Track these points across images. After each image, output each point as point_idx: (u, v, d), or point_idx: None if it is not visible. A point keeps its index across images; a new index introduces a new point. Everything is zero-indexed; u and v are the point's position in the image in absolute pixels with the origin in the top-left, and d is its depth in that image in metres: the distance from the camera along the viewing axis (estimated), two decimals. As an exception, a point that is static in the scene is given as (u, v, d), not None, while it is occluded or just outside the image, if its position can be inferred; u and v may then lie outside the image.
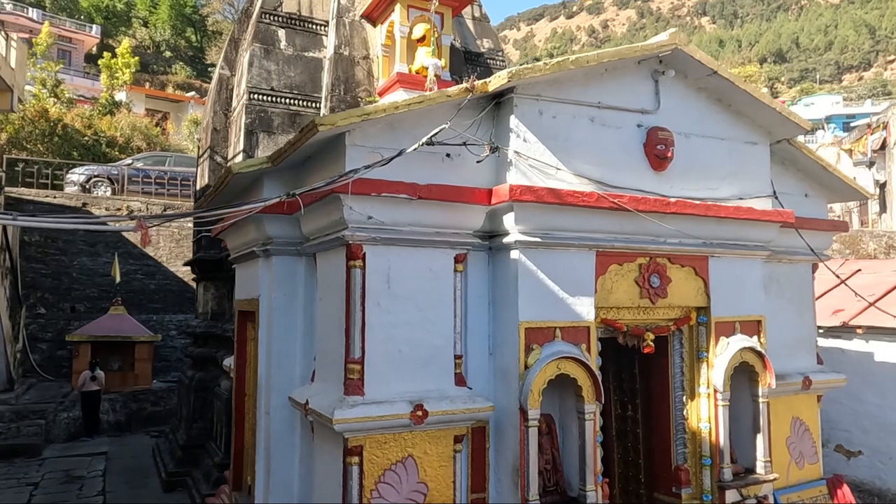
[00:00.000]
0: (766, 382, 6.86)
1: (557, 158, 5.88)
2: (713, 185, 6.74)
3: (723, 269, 6.81)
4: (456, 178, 5.70)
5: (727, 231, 6.73)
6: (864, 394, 10.75)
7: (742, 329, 6.90)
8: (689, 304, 6.66)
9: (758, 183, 7.06)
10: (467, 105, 5.74)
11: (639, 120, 6.35)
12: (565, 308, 5.88)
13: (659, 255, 6.46)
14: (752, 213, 6.73)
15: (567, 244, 5.90)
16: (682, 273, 6.62)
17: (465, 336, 5.85)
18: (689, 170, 6.61)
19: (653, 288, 6.40)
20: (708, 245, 6.69)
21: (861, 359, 10.80)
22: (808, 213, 7.84)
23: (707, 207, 6.44)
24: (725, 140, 6.86)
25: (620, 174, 6.18)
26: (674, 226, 6.32)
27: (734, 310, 6.87)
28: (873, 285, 11.75)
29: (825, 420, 11.29)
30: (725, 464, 6.61)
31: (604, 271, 6.14)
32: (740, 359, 6.74)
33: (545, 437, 5.98)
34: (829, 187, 7.99)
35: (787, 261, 7.72)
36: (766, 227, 6.95)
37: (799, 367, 7.65)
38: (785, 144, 7.37)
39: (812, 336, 7.88)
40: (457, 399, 5.57)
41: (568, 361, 5.73)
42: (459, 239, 5.77)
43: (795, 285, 7.80)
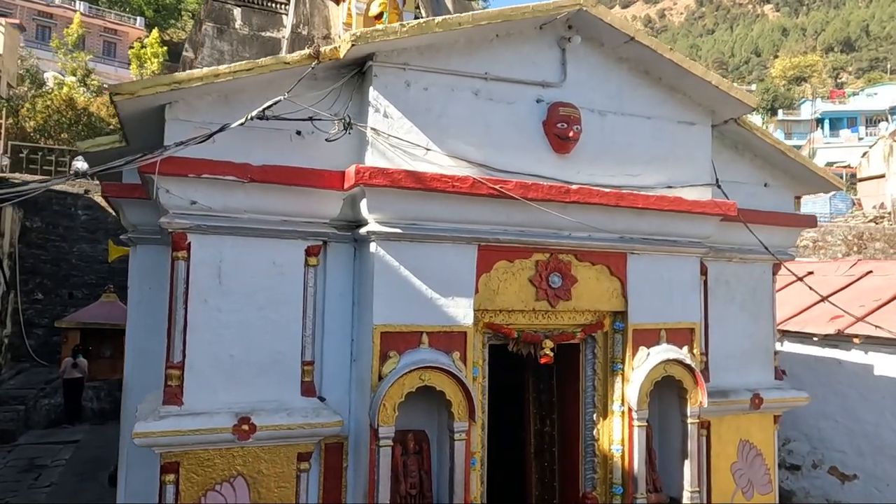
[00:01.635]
0: (697, 400, 5.92)
1: (428, 137, 5.09)
2: (634, 171, 5.82)
3: (645, 269, 5.89)
4: (309, 160, 4.98)
5: (649, 224, 5.81)
6: (861, 411, 9.56)
7: (669, 338, 5.97)
8: (601, 307, 5.78)
9: (694, 169, 6.09)
10: (326, 76, 5.02)
11: (539, 94, 5.49)
12: (435, 310, 5.10)
13: (562, 251, 5.60)
14: (681, 203, 5.78)
15: (439, 237, 5.11)
16: (593, 272, 5.73)
17: (321, 339, 5.14)
18: (602, 153, 5.71)
19: (552, 289, 5.54)
20: (626, 240, 5.78)
21: (858, 372, 9.60)
22: (768, 206, 6.80)
23: (619, 196, 5.54)
24: (653, 119, 5.93)
25: (512, 157, 5.35)
26: (578, 217, 5.45)
27: (659, 315, 5.94)
28: (881, 289, 10.48)
29: (819, 438, 10.15)
30: (640, 493, 5.71)
31: (488, 268, 5.32)
32: (663, 372, 5.82)
33: (413, 458, 5.21)
34: (795, 176, 6.92)
35: (738, 260, 6.71)
36: (700, 221, 5.99)
37: (750, 382, 6.65)
38: (733, 126, 6.36)
39: (769, 347, 6.85)
40: (297, 412, 4.87)
41: (434, 372, 4.96)
42: (312, 228, 5.06)
43: (749, 288, 6.78)
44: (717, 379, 6.50)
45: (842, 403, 9.82)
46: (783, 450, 10.72)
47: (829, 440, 9.98)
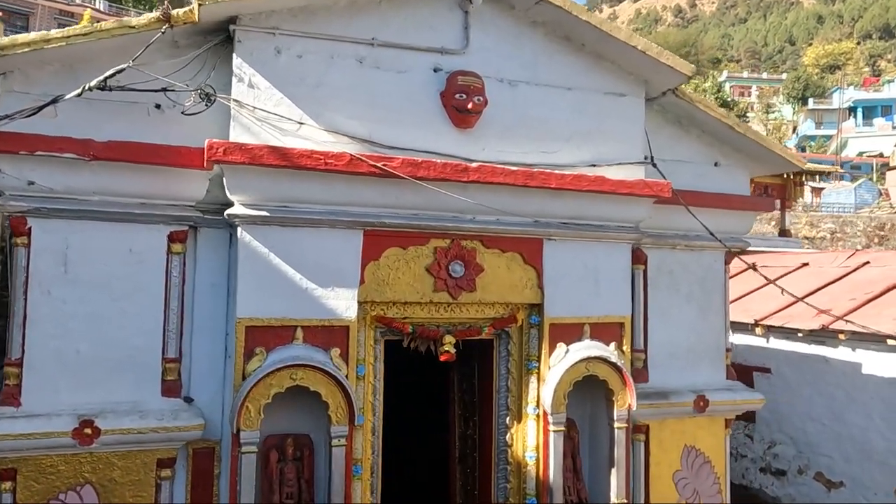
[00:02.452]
0: (625, 403, 5.32)
1: (303, 110, 4.58)
2: (552, 148, 5.24)
3: (565, 256, 5.30)
4: (171, 136, 4.50)
5: (568, 207, 5.22)
6: (849, 413, 8.80)
7: (594, 333, 5.37)
8: (513, 299, 5.21)
9: (625, 146, 5.48)
10: (189, 42, 4.55)
11: (437, 62, 4.94)
12: (312, 302, 4.59)
13: (465, 237, 5.04)
14: (603, 183, 5.18)
15: (316, 221, 4.60)
16: (503, 260, 5.16)
17: (190, 334, 4.68)
18: (513, 127, 5.14)
19: (453, 278, 4.99)
20: (542, 225, 5.20)
21: (846, 371, 8.84)
22: (720, 187, 6.14)
23: (529, 175, 4.96)
24: (574, 90, 5.33)
25: (404, 131, 4.81)
26: (481, 199, 4.89)
27: (581, 308, 5.35)
28: (875, 281, 9.68)
29: (805, 442, 9.42)
30: (558, 506, 5.15)
31: (377, 256, 4.79)
32: (585, 371, 5.23)
33: (291, 465, 4.71)
34: (751, 155, 6.24)
35: (684, 247, 6.07)
36: (629, 203, 5.37)
37: (697, 382, 6.01)
38: (673, 98, 5.73)
39: (720, 343, 6.20)
40: (153, 414, 4.41)
41: (307, 371, 4.45)
42: (175, 212, 4.59)
43: (698, 278, 6.14)
44: (657, 379, 5.88)
45: (828, 404, 9.08)
46: (768, 454, 10.01)
47: (816, 444, 9.24)
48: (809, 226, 22.36)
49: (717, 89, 42.34)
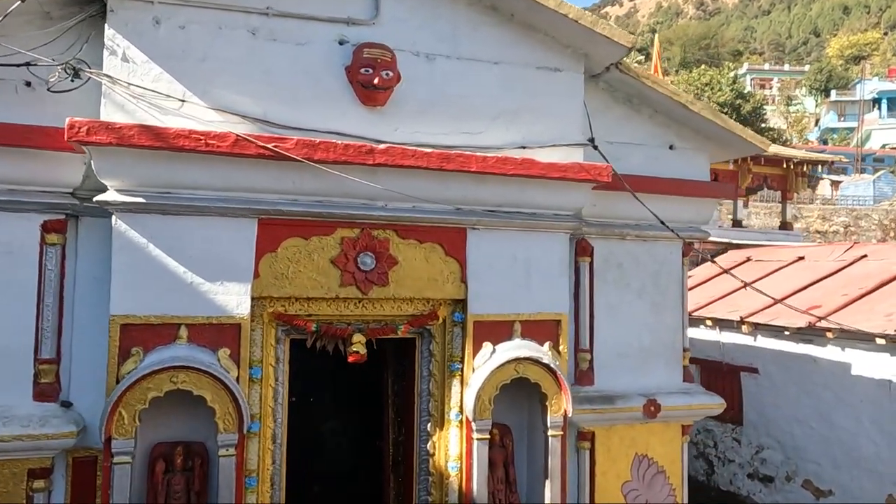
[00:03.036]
0: (560, 408, 4.84)
1: (185, 87, 4.16)
2: (476, 128, 4.77)
3: (492, 248, 4.83)
4: (44, 116, 4.11)
5: (495, 193, 4.75)
6: (837, 417, 8.21)
7: (526, 332, 4.90)
8: (432, 294, 4.75)
9: (561, 126, 4.99)
10: (63, 13, 4.16)
11: (342, 34, 4.50)
12: (198, 298, 4.18)
13: (377, 226, 4.59)
14: (532, 167, 4.70)
15: (202, 208, 4.18)
16: (421, 252, 4.70)
17: (70, 333, 4.29)
18: (431, 106, 4.68)
19: (363, 272, 4.55)
20: (465, 213, 4.74)
21: (835, 371, 8.25)
22: (676, 172, 5.62)
23: (445, 158, 4.50)
24: (502, 65, 4.85)
25: (304, 110, 4.37)
26: (392, 184, 4.44)
27: (511, 304, 4.88)
28: (870, 276, 9.05)
29: (793, 447, 8.83)
30: (482, 521, 4.69)
31: (274, 247, 4.37)
32: (514, 374, 4.76)
33: (180, 475, 4.31)
34: (710, 137, 5.71)
35: (634, 237, 5.56)
36: (564, 189, 4.89)
37: (649, 385, 5.51)
38: (618, 74, 5.22)
39: (676, 342, 5.67)
40: (19, 420, 4.03)
41: (190, 373, 4.04)
42: (49, 199, 4.20)
43: (651, 272, 5.62)
44: (604, 381, 5.39)
45: (817, 407, 8.49)
46: (756, 458, 9.44)
47: (804, 449, 8.66)
48: (822, 219, 21.54)
49: (732, 81, 41.23)
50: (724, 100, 39.31)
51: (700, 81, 41.03)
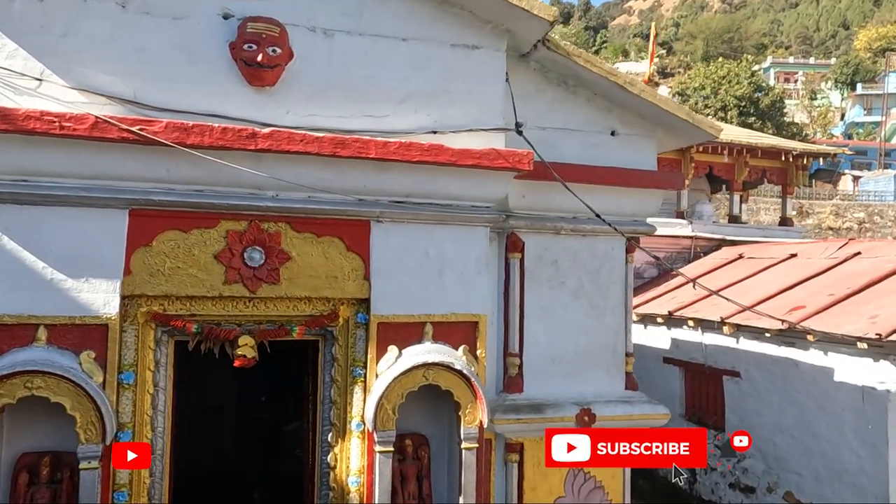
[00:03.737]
0: (476, 418, 4.41)
1: (45, 65, 3.80)
2: (380, 111, 4.35)
3: (399, 242, 4.41)
4: None
5: (402, 182, 4.33)
6: (819, 426, 7.65)
7: (439, 334, 4.47)
8: (331, 294, 4.33)
9: (479, 109, 4.54)
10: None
11: (226, 7, 4.09)
12: (59, 296, 3.82)
13: (267, 218, 4.19)
14: (440, 153, 4.26)
15: (63, 198, 3.82)
16: (318, 247, 4.29)
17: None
18: (330, 87, 4.26)
19: (251, 268, 4.15)
20: (368, 204, 4.32)
21: (817, 377, 7.69)
22: (617, 160, 5.14)
23: (339, 144, 4.08)
24: (411, 41, 4.41)
25: (181, 90, 3.99)
26: (283, 172, 4.04)
27: (422, 305, 4.45)
28: (860, 275, 8.45)
29: (774, 456, 8.29)
30: (384, 542, 4.28)
31: (148, 241, 3.99)
32: (423, 380, 4.33)
33: (45, 488, 3.93)
34: (658, 123, 5.21)
35: (570, 232, 5.09)
36: (481, 178, 4.44)
37: (585, 393, 5.05)
38: (546, 52, 4.76)
39: (617, 346, 5.20)
40: None
41: (47, 378, 3.69)
42: None
43: (590, 270, 5.15)
44: (535, 388, 4.95)
45: (799, 415, 7.94)
46: (738, 468, 8.89)
47: (785, 459, 8.12)
48: (835, 215, 20.72)
49: (750, 74, 40.15)
50: (741, 93, 38.30)
51: (717, 74, 40.05)
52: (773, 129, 39.09)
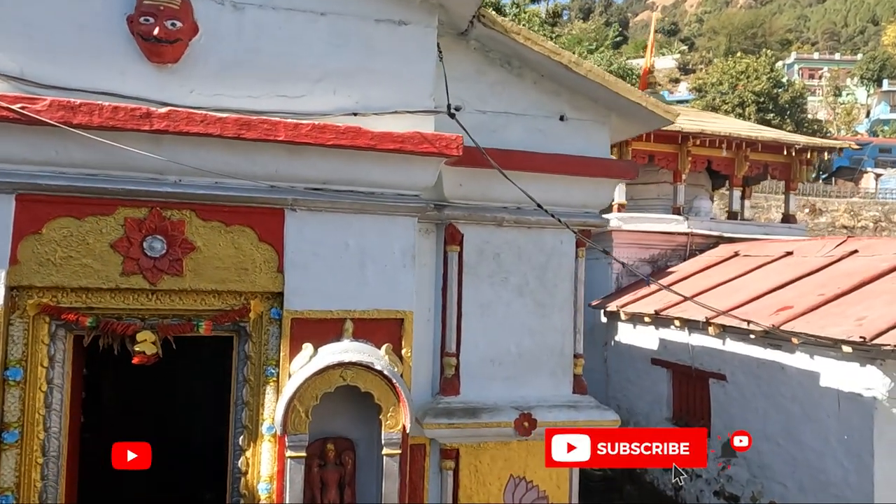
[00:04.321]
0: (398, 423, 4.09)
1: (-80, 38, 3.55)
2: (295, 91, 4.04)
3: (316, 232, 4.10)
4: None
5: (318, 168, 4.02)
6: (805, 434, 7.22)
7: (359, 332, 4.16)
8: (240, 287, 4.04)
9: (406, 90, 4.21)
10: None
11: (124, -22, 3.82)
12: (-65, 286, 3.57)
13: (169, 205, 3.91)
14: (357, 137, 3.94)
15: (-61, 181, 3.57)
16: (227, 237, 4.00)
17: None
18: (238, 64, 3.97)
19: (151, 258, 3.87)
20: (282, 191, 4.02)
21: (803, 381, 7.25)
22: (567, 147, 4.78)
23: (244, 125, 3.78)
24: (331, 16, 4.09)
25: (73, 67, 3.71)
26: (185, 156, 3.76)
27: (341, 300, 4.14)
28: (852, 274, 7.97)
29: (759, 465, 7.86)
30: (295, 554, 3.99)
31: (37, 228, 3.72)
32: (341, 381, 4.02)
33: (-74, 492, 3.73)
34: (612, 107, 4.84)
35: (513, 224, 4.75)
36: (406, 164, 4.11)
37: (528, 396, 4.71)
38: (486, 30, 4.42)
39: (565, 347, 4.85)
40: None
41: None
42: None
43: (536, 266, 4.80)
44: (473, 391, 4.62)
45: (784, 422, 7.51)
46: (722, 475, 8.48)
47: (770, 468, 7.69)
48: (850, 214, 20.03)
49: (770, 69, 39.24)
50: (760, 89, 37.47)
51: (735, 70, 39.22)
52: (793, 126, 38.18)
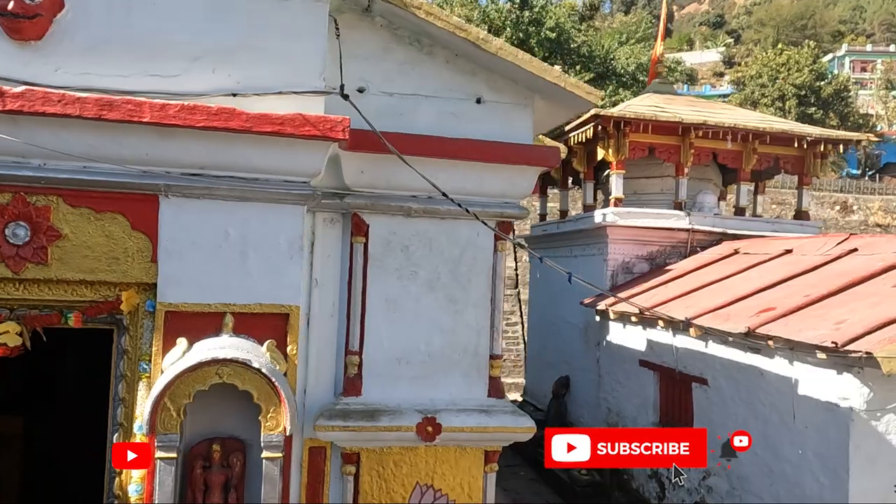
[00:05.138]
0: (279, 425, 3.84)
1: None
2: (170, 70, 3.81)
3: (194, 221, 3.86)
4: None
5: (192, 153, 3.78)
6: (782, 444, 6.71)
7: (241, 326, 3.91)
8: (114, 277, 3.82)
9: (294, 69, 3.94)
10: None
11: (-15, -49, 3.63)
12: None
13: (36, 190, 3.72)
14: (230, 118, 3.68)
15: None
16: (97, 224, 3.79)
17: None
18: (108, 41, 3.75)
19: (14, 246, 3.69)
20: (156, 176, 3.79)
21: (781, 388, 6.74)
22: (484, 132, 4.43)
23: (106, 105, 3.56)
24: (207, -10, 3.85)
25: (-70, 45, 3.55)
26: (45, 138, 3.56)
27: (220, 293, 3.89)
28: (846, 273, 7.39)
29: (738, 476, 7.37)
30: (164, 560, 3.77)
31: None
32: (216, 379, 3.77)
33: None
34: (535, 88, 4.48)
35: (423, 214, 4.43)
36: (290, 148, 3.84)
37: (437, 399, 4.39)
38: (388, 6, 4.11)
39: (480, 348, 4.51)
40: None
41: None
42: None
43: (448, 259, 4.48)
44: (376, 392, 4.34)
45: (763, 430, 7.00)
46: (703, 486, 8.00)
47: (748, 479, 7.20)
48: (884, 212, 18.98)
49: (812, 61, 37.67)
50: (801, 81, 36.03)
51: (776, 62, 37.81)
52: (838, 120, 36.62)
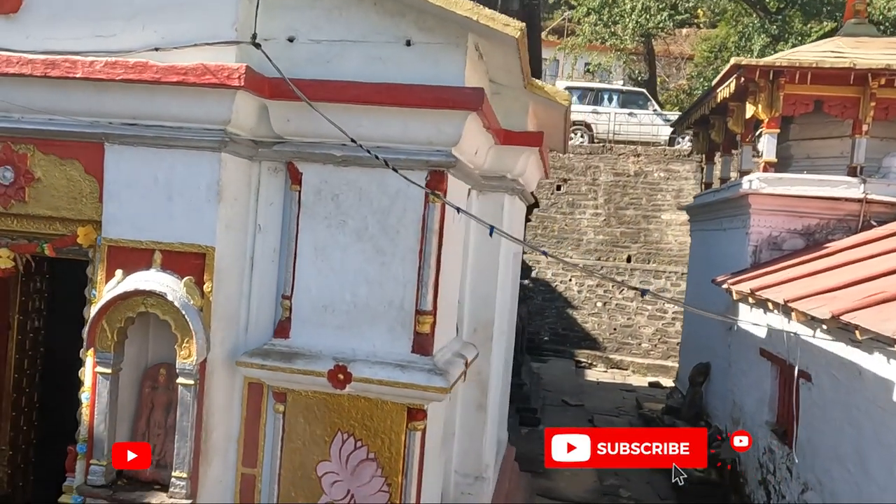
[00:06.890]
0: (191, 354, 4.19)
1: None
2: (109, 31, 4.28)
3: (130, 166, 4.31)
4: None
5: (126, 104, 4.21)
6: (873, 460, 5.49)
7: (167, 263, 4.30)
8: (70, 215, 4.45)
9: (214, 22, 4.17)
10: None
11: (-31, -68, 4.39)
12: None
13: (18, 140, 4.46)
14: (143, 71, 4.04)
15: None
16: (61, 168, 4.43)
17: None
18: (66, 8, 4.33)
19: (3, 185, 4.49)
20: (100, 126, 4.32)
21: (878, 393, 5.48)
22: (416, 76, 4.20)
23: (50, 65, 4.14)
24: (137, -50, 4.22)
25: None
26: (14, 95, 4.30)
27: (150, 231, 4.31)
28: None
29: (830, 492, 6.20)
30: (99, 459, 4.36)
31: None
32: (142, 308, 4.24)
33: None
34: (469, 26, 4.13)
35: (354, 163, 4.36)
36: (200, 97, 4.08)
37: (358, 349, 4.33)
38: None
39: (406, 302, 4.30)
40: None
41: None
42: None
43: (377, 209, 4.35)
44: (303, 337, 4.45)
45: (856, 442, 5.77)
46: (801, 499, 6.77)
47: (838, 497, 5.97)
48: None
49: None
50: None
51: None
52: None
